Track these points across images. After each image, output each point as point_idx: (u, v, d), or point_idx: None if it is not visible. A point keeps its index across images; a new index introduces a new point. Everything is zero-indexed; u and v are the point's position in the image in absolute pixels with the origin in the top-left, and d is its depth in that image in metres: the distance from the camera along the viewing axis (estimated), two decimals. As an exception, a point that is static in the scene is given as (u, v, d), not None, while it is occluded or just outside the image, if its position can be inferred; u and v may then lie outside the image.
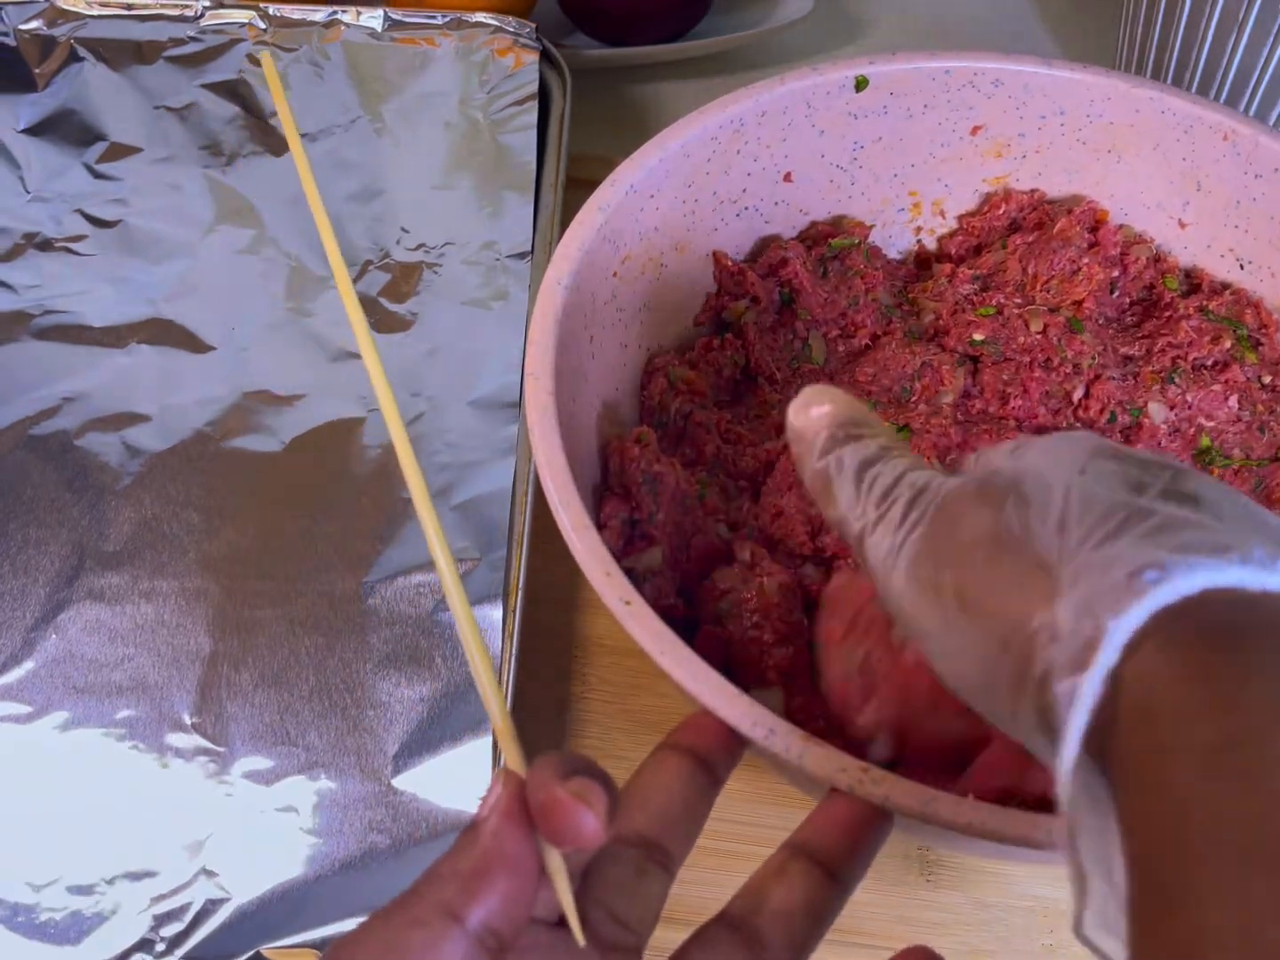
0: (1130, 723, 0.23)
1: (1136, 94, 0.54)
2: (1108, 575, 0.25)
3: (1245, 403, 0.51)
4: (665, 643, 0.37)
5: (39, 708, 0.47)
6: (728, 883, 0.33)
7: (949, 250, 0.59)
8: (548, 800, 0.26)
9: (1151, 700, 0.23)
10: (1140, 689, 0.23)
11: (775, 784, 0.49)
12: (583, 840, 0.26)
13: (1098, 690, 0.24)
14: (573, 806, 0.26)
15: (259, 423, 0.55)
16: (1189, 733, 0.22)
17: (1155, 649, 0.24)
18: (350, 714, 0.47)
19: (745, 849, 0.48)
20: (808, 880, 0.32)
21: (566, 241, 0.46)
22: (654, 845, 0.32)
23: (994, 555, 0.28)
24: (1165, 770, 0.22)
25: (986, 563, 0.28)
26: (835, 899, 0.32)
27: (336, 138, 0.63)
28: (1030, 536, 0.27)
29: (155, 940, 0.43)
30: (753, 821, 0.48)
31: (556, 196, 0.61)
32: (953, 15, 0.83)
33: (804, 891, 0.32)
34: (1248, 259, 0.55)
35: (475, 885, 0.26)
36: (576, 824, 0.26)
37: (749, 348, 0.53)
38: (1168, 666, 0.23)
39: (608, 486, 0.47)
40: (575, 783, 0.26)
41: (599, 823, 0.26)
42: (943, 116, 0.55)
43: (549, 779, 0.26)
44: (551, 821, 0.26)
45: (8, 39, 0.63)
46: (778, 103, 0.52)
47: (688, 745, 0.34)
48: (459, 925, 0.25)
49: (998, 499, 0.28)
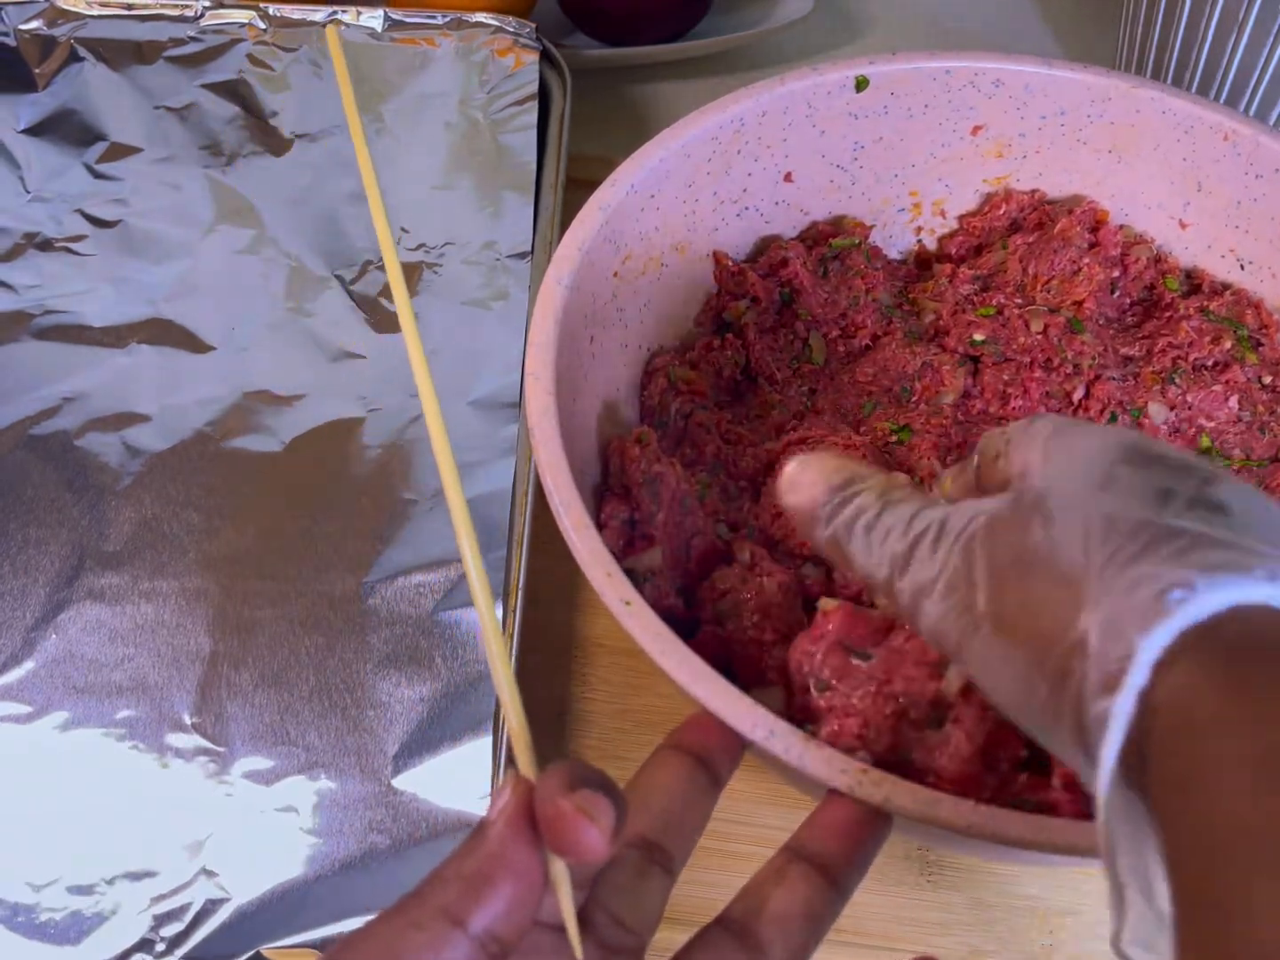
0: (1168, 740, 0.24)
1: (1137, 94, 0.54)
2: (1135, 595, 0.25)
3: (1246, 403, 0.51)
4: (665, 643, 0.37)
5: (39, 708, 0.47)
6: (730, 883, 0.33)
7: (949, 250, 0.59)
8: (553, 812, 0.26)
9: (1190, 717, 0.23)
10: (1177, 706, 0.24)
11: (777, 785, 0.49)
12: (585, 854, 0.26)
13: (1130, 710, 0.24)
14: (576, 820, 0.26)
15: (259, 423, 0.55)
16: (1233, 746, 0.22)
17: (1188, 667, 0.24)
18: (350, 714, 0.47)
19: (747, 849, 0.48)
20: (807, 885, 0.32)
21: (567, 241, 0.46)
22: (655, 847, 0.32)
23: (1024, 575, 0.28)
24: (1211, 784, 0.22)
25: (1018, 583, 0.28)
26: (834, 903, 0.32)
27: (337, 138, 0.63)
28: (1058, 555, 0.27)
29: (155, 940, 0.43)
30: (755, 822, 0.48)
31: (557, 197, 0.61)
32: (952, 15, 0.83)
33: (803, 896, 0.32)
34: (1248, 259, 0.55)
35: (478, 890, 0.26)
36: (579, 838, 0.26)
37: (749, 348, 0.53)
38: (1204, 683, 0.23)
39: (608, 487, 0.47)
40: (581, 796, 0.26)
41: (602, 838, 0.26)
42: (943, 116, 0.55)
43: (556, 789, 0.26)
44: (556, 833, 0.26)
45: (8, 39, 0.63)
46: (778, 103, 0.52)
47: (689, 746, 0.34)
48: (460, 929, 0.25)
49: (1025, 519, 0.28)
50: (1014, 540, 0.28)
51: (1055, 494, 0.29)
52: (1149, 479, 0.28)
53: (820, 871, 0.32)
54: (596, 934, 0.30)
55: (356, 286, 0.59)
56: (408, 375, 0.56)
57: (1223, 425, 0.51)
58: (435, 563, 0.51)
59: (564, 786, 0.26)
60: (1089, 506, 0.27)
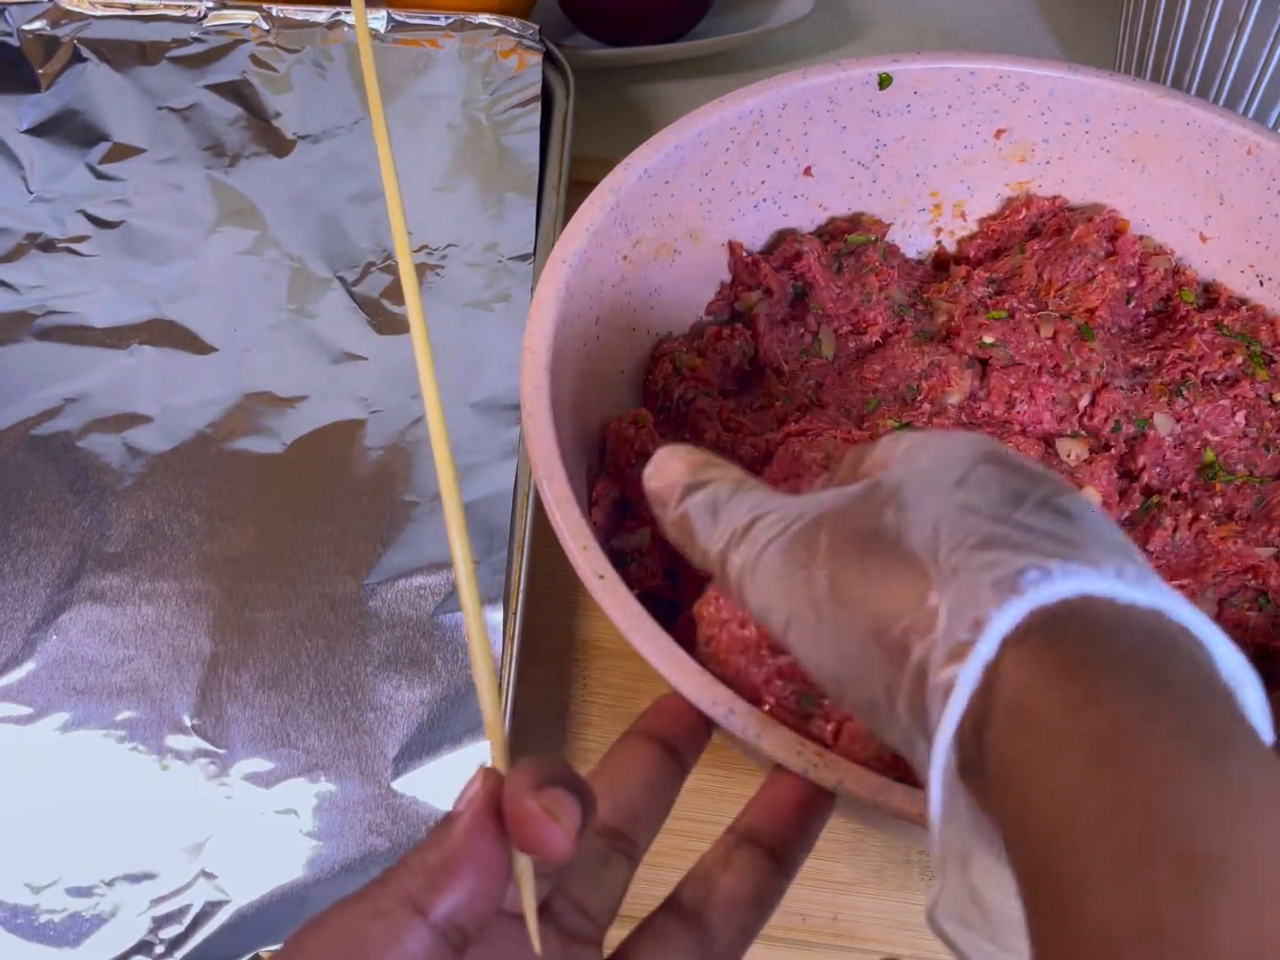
0: (1008, 717, 0.24)
1: (1162, 104, 0.53)
2: (989, 573, 0.25)
3: (1253, 419, 0.51)
4: (635, 618, 0.37)
5: (39, 709, 0.47)
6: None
7: (968, 253, 0.59)
8: (519, 811, 0.26)
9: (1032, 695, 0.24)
10: (1019, 684, 0.24)
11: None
12: (549, 854, 0.26)
13: (974, 679, 0.25)
14: (542, 820, 0.26)
15: (260, 424, 0.55)
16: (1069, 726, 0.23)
17: (1033, 646, 0.24)
18: (350, 716, 0.47)
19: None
20: (754, 868, 0.33)
21: (575, 221, 0.46)
22: (620, 834, 0.32)
23: (869, 552, 0.28)
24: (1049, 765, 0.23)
25: (861, 559, 0.28)
26: (781, 885, 0.33)
27: (339, 139, 0.63)
28: (908, 536, 0.27)
29: (155, 942, 0.43)
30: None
31: (559, 198, 0.61)
32: (953, 15, 0.83)
33: (751, 880, 0.32)
34: (1267, 275, 0.54)
35: (441, 879, 0.26)
36: (544, 838, 0.26)
37: (759, 338, 0.53)
38: (1046, 663, 0.24)
39: (604, 467, 0.47)
40: (548, 796, 0.26)
41: (567, 840, 0.26)
42: (966, 118, 0.55)
43: (524, 787, 0.26)
44: (521, 831, 0.26)
45: (11, 39, 0.63)
46: (800, 96, 0.52)
47: (656, 732, 0.35)
48: (422, 918, 0.25)
49: (877, 504, 0.29)
50: (863, 522, 0.29)
51: (909, 485, 0.29)
52: (1004, 481, 0.28)
53: (767, 854, 0.33)
54: (557, 920, 0.31)
55: (358, 288, 0.59)
56: (409, 377, 0.56)
57: (1228, 440, 0.51)
58: (436, 565, 0.51)
59: (532, 785, 0.26)
60: (943, 499, 0.28)
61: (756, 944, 0.46)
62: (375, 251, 0.60)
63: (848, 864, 0.48)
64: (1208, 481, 0.49)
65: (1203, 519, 0.47)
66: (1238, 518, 0.48)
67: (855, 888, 0.48)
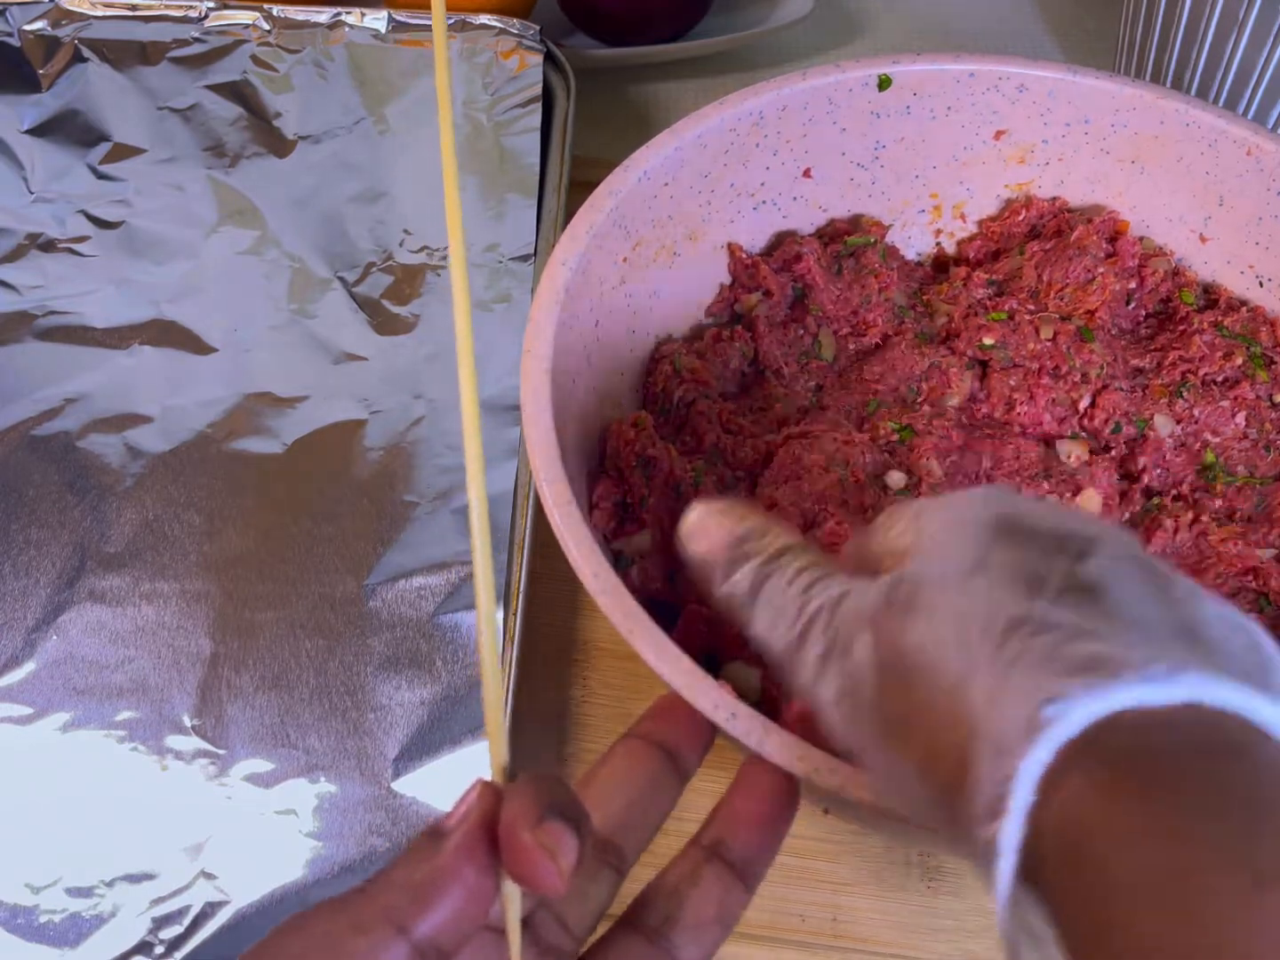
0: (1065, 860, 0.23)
1: (1162, 105, 0.53)
2: (1012, 711, 0.24)
3: (1253, 420, 0.51)
4: (635, 620, 0.37)
5: (40, 709, 0.47)
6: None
7: (967, 254, 0.59)
8: (514, 843, 0.25)
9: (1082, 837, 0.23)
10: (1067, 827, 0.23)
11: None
12: (541, 889, 0.25)
13: (1017, 836, 0.24)
14: (537, 858, 0.25)
15: (261, 424, 0.55)
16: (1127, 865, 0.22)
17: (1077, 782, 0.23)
18: (350, 717, 0.47)
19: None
20: (721, 887, 0.32)
21: (575, 224, 0.46)
22: (610, 846, 0.32)
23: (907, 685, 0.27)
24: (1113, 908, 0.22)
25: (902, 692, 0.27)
26: (745, 902, 0.32)
27: (340, 139, 0.63)
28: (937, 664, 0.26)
29: (154, 943, 0.43)
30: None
31: (560, 199, 0.61)
32: (953, 15, 0.83)
33: (718, 898, 0.32)
34: (1267, 276, 0.54)
35: (425, 897, 0.25)
36: (537, 874, 0.25)
37: (759, 340, 0.53)
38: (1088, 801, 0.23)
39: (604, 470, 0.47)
40: (546, 831, 0.25)
41: (561, 879, 0.25)
42: (966, 119, 0.55)
43: (522, 816, 0.25)
44: (514, 864, 0.25)
45: (12, 39, 0.63)
46: (799, 98, 0.52)
47: (657, 736, 0.34)
48: (402, 936, 0.25)
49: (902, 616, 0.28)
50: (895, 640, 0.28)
51: (927, 585, 0.28)
52: (1019, 561, 0.27)
53: (734, 871, 0.32)
54: (535, 932, 0.30)
55: (359, 288, 0.59)
56: (410, 377, 0.56)
57: (1228, 441, 0.51)
58: (436, 565, 0.51)
59: (531, 814, 0.25)
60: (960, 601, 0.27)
61: (757, 944, 0.47)
62: (376, 252, 0.60)
63: (848, 865, 0.48)
64: (1208, 483, 0.49)
65: (1203, 520, 0.47)
66: (1238, 519, 0.48)
67: (855, 888, 0.48)
